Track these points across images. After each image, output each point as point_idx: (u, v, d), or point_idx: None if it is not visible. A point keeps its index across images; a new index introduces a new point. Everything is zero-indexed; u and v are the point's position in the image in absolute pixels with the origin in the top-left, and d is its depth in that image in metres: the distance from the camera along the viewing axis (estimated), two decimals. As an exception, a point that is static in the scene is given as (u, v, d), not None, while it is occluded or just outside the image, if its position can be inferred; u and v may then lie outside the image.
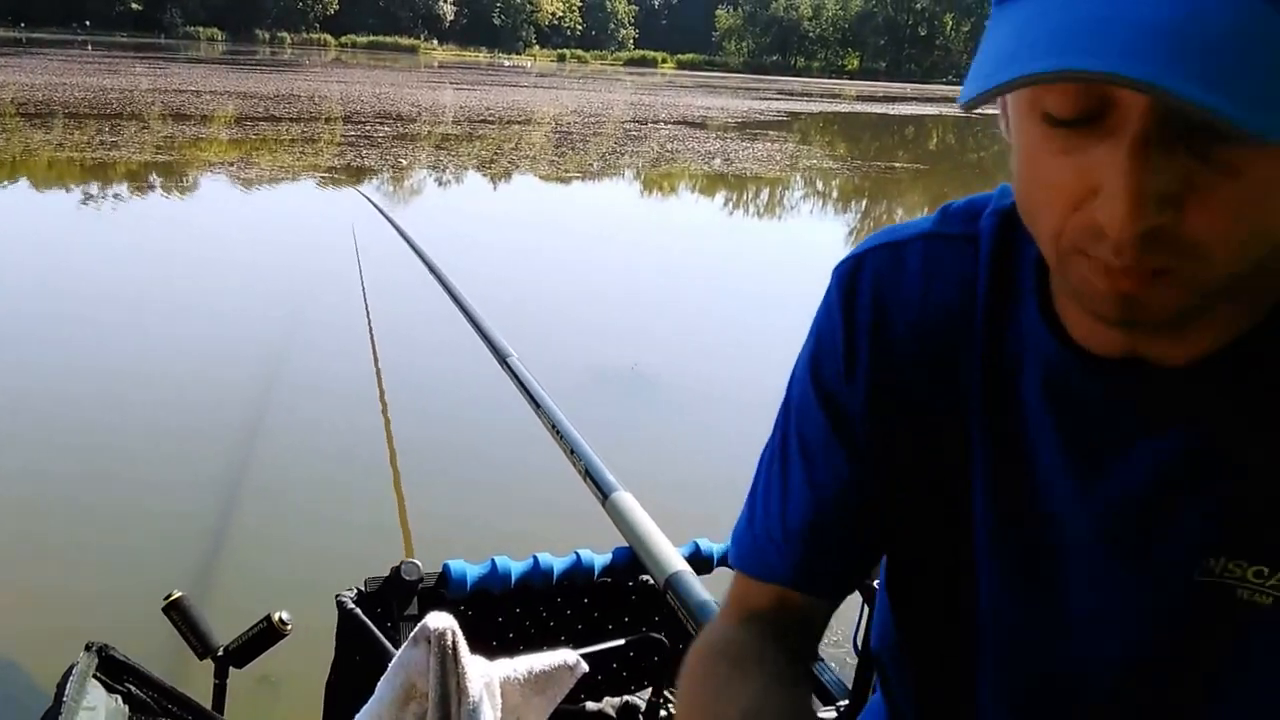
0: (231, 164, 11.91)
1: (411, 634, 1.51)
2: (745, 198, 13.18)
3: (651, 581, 1.92)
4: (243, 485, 3.76)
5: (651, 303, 7.11)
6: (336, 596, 1.76)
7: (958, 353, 0.74)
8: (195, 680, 1.70)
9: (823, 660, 1.82)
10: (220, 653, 1.65)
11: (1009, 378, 0.72)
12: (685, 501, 2.88)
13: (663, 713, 1.81)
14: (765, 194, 13.57)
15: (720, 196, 13.15)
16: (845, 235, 10.73)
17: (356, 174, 11.77)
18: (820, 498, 0.81)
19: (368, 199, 6.18)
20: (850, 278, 0.79)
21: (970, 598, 0.77)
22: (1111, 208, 0.52)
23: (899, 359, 0.76)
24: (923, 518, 0.78)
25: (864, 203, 13.65)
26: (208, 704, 1.56)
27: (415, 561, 1.73)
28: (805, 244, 10.33)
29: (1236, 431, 0.63)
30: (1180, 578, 0.67)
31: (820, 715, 1.63)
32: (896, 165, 17.08)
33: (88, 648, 1.39)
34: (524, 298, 6.55)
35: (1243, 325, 0.62)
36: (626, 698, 1.80)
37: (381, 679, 1.53)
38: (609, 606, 1.92)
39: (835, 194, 13.94)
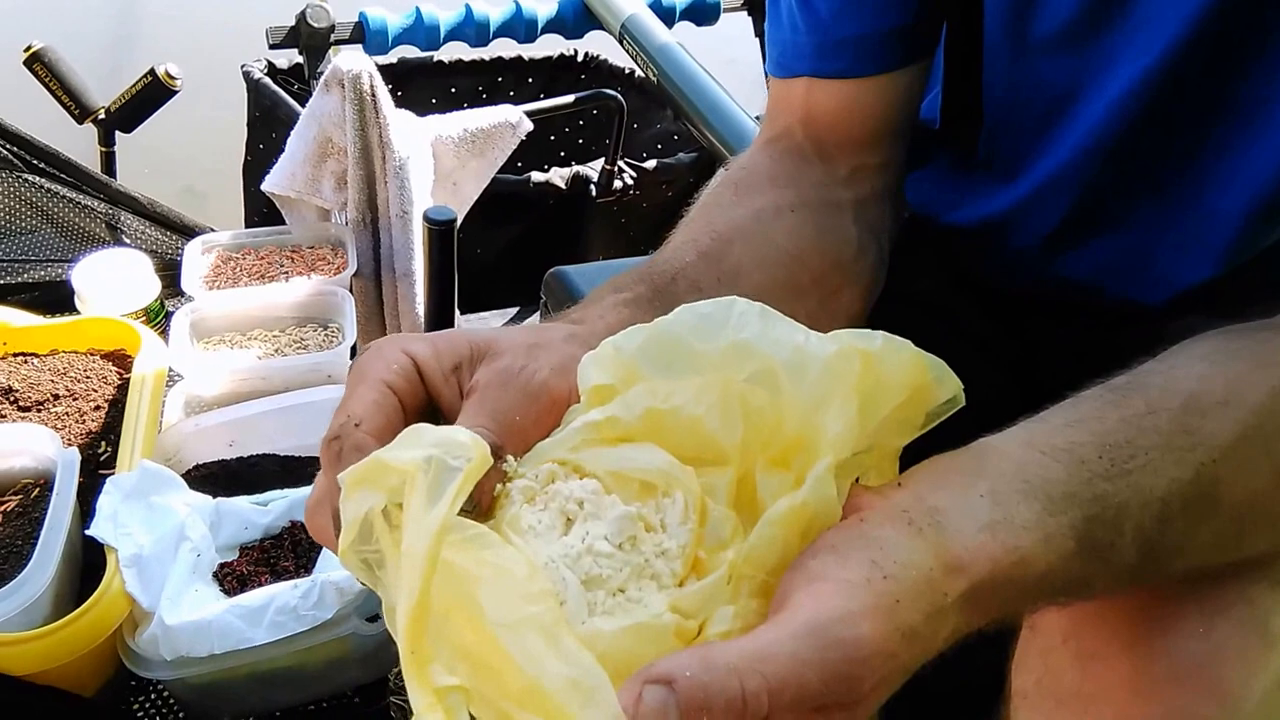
0: None
1: (322, 79, 1.20)
2: None
3: (602, 42, 1.59)
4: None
5: None
6: (242, 67, 1.49)
7: None
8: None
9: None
10: (102, 115, 1.33)
11: None
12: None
13: (617, 183, 1.54)
14: None
15: None
16: None
17: None
18: None
19: None
20: None
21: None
22: None
23: None
24: None
25: None
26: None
27: (324, 5, 1.36)
28: None
29: None
30: None
31: None
32: None
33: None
34: None
35: None
36: (577, 168, 1.52)
37: (291, 134, 1.24)
38: (555, 66, 1.60)
39: None
